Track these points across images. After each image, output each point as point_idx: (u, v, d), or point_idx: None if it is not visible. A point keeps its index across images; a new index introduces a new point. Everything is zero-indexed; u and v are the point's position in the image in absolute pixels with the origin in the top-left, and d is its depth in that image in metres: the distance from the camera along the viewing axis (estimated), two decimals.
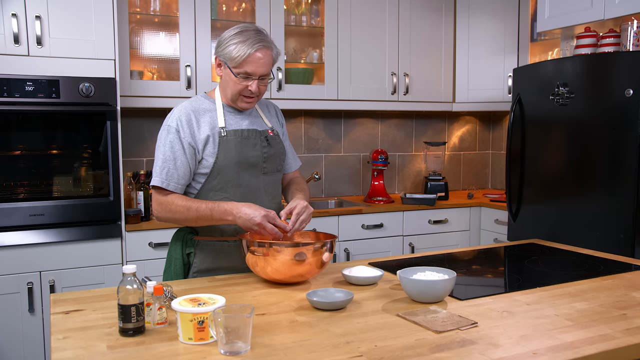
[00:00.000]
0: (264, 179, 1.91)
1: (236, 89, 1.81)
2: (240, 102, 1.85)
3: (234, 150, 1.83)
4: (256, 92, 1.82)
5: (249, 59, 1.76)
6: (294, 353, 1.22)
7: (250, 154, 1.86)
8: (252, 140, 1.87)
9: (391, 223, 3.49)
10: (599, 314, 1.47)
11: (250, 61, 1.76)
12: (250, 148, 1.86)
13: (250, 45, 1.75)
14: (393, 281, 1.78)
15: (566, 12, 3.10)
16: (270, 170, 1.93)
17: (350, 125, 4.01)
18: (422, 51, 3.83)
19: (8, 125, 2.60)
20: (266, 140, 1.90)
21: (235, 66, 1.77)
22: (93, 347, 1.26)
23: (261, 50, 1.77)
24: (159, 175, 1.79)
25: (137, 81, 3.09)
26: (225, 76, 1.83)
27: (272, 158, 1.92)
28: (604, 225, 2.68)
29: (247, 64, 1.76)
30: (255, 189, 1.89)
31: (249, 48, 1.75)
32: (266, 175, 1.92)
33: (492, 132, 4.53)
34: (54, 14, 2.63)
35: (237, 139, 1.84)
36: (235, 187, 1.85)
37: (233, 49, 1.76)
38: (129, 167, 3.34)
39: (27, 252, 2.63)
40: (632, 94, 2.53)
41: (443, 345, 1.26)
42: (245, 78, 1.79)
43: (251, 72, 1.78)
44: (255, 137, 1.88)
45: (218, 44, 1.82)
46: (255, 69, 1.77)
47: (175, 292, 1.60)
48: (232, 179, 1.84)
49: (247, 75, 1.78)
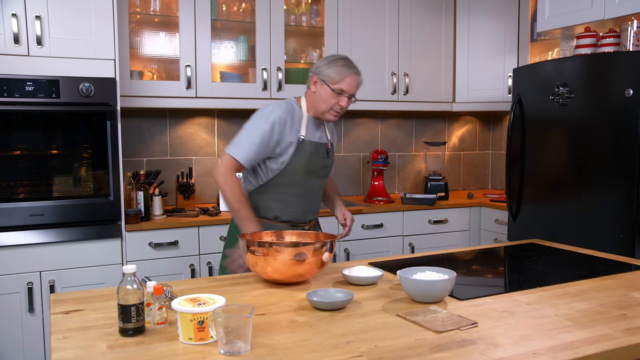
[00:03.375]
0: (318, 182, 2.29)
1: (330, 104, 2.16)
2: (329, 115, 2.19)
3: (305, 157, 2.18)
4: (344, 108, 2.18)
5: (346, 79, 2.14)
6: (294, 353, 1.22)
7: (315, 162, 2.22)
8: (319, 151, 2.23)
9: (391, 223, 3.49)
10: (599, 314, 1.47)
11: (347, 81, 2.14)
12: (316, 157, 2.22)
13: (349, 68, 2.16)
14: (393, 281, 1.79)
15: (566, 12, 3.10)
16: (324, 175, 2.31)
17: (350, 125, 4.01)
18: (422, 51, 3.83)
19: (8, 125, 2.60)
20: (326, 152, 2.27)
21: (333, 83, 2.14)
22: (93, 347, 1.26)
23: (355, 75, 2.17)
24: (240, 148, 2.11)
25: (137, 81, 3.09)
26: (321, 92, 2.17)
27: (328, 167, 2.31)
28: (604, 225, 2.68)
29: (344, 83, 2.14)
30: (312, 190, 2.27)
31: (348, 70, 2.15)
32: (320, 179, 2.29)
33: (492, 132, 4.53)
34: (54, 14, 2.63)
35: (310, 149, 2.20)
36: (297, 186, 2.21)
37: (334, 70, 2.14)
38: (129, 167, 3.34)
39: (27, 252, 2.63)
40: (632, 94, 2.53)
41: (443, 345, 1.26)
42: (339, 94, 2.15)
43: (346, 90, 2.15)
44: (321, 148, 2.25)
45: (317, 66, 2.20)
46: (349, 87, 2.15)
47: (175, 292, 1.60)
48: (296, 179, 2.20)
49: (341, 91, 2.15)
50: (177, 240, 2.93)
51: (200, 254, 2.99)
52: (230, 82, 3.35)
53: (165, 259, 2.91)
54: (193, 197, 3.36)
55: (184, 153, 3.53)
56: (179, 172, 3.44)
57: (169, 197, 3.42)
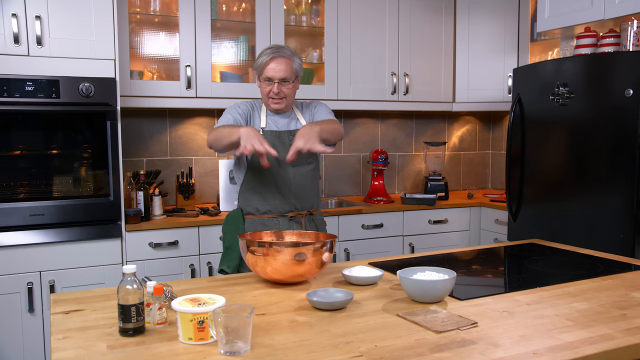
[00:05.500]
0: (294, 170, 2.27)
1: (264, 93, 2.24)
2: (271, 103, 2.25)
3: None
4: (280, 94, 2.21)
5: (267, 67, 2.18)
6: (294, 353, 1.22)
7: (282, 150, 2.20)
8: (284, 139, 2.25)
9: (391, 223, 3.49)
10: (599, 314, 1.47)
11: (269, 68, 2.19)
12: (282, 145, 2.23)
13: (268, 55, 2.19)
14: (393, 281, 1.78)
15: (566, 12, 3.10)
16: (300, 163, 2.27)
17: (350, 125, 4.01)
18: (422, 51, 3.83)
19: (8, 125, 2.60)
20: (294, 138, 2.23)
21: (260, 74, 2.23)
22: (93, 347, 1.26)
23: (276, 58, 2.18)
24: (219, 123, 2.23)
25: (137, 81, 3.09)
26: (259, 85, 2.26)
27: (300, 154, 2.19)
28: (604, 225, 2.68)
29: (267, 71, 2.19)
30: (286, 179, 2.26)
31: (267, 57, 2.18)
32: (296, 167, 2.27)
33: (492, 132, 4.53)
34: (54, 14, 2.63)
35: (272, 138, 2.23)
36: (268, 176, 2.24)
37: (258, 62, 2.22)
38: (129, 167, 3.34)
39: (27, 252, 2.63)
40: (632, 94, 2.53)
41: (443, 345, 1.26)
42: (269, 82, 2.20)
43: (271, 76, 2.19)
44: (287, 136, 2.26)
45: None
46: (273, 73, 2.18)
47: (175, 292, 1.60)
48: (265, 170, 2.21)
49: (268, 79, 2.20)
50: (177, 240, 2.93)
51: (200, 254, 2.99)
52: (230, 82, 3.35)
53: (165, 259, 2.92)
54: (193, 197, 3.36)
55: (184, 153, 3.53)
56: (179, 172, 3.44)
57: (169, 197, 3.42)
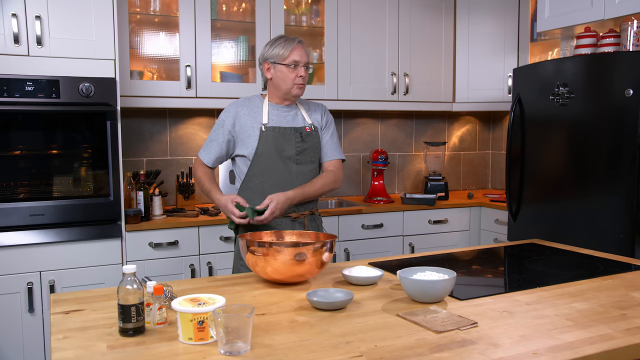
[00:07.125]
0: (297, 168, 2.26)
1: (290, 79, 2.21)
2: (295, 90, 2.23)
3: (272, 143, 2.21)
4: (306, 78, 2.23)
5: (294, 51, 2.20)
6: (294, 353, 1.22)
7: (286, 147, 2.23)
8: (289, 136, 2.24)
9: (391, 223, 3.49)
10: (599, 314, 1.47)
11: (295, 52, 2.20)
12: (287, 142, 2.23)
13: (292, 41, 2.22)
14: (393, 281, 1.78)
15: (566, 12, 3.10)
16: (304, 161, 2.28)
17: (350, 125, 4.01)
18: (422, 51, 3.83)
19: (8, 125, 2.60)
20: (300, 136, 2.26)
21: (284, 59, 2.19)
22: (93, 347, 1.26)
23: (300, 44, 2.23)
24: (204, 149, 2.32)
25: (137, 81, 3.09)
26: (277, 74, 2.22)
27: (305, 152, 2.28)
28: (604, 225, 2.68)
29: (293, 54, 2.20)
30: (288, 177, 2.24)
31: (292, 42, 2.21)
32: (299, 165, 2.27)
33: (492, 132, 4.53)
34: (54, 14, 2.63)
35: (275, 134, 2.22)
36: (273, 173, 2.23)
37: (279, 47, 2.20)
38: (129, 167, 3.34)
39: (27, 252, 2.63)
40: (632, 94, 2.53)
41: (443, 345, 1.26)
42: (295, 67, 2.20)
43: (298, 60, 2.20)
44: (292, 133, 2.25)
45: (262, 54, 2.27)
46: (300, 57, 2.21)
47: (175, 292, 1.60)
48: (270, 166, 2.22)
49: (295, 62, 2.20)
50: (177, 240, 2.93)
51: (200, 254, 2.99)
52: (230, 82, 3.35)
53: (165, 259, 2.91)
54: (193, 197, 3.36)
55: (184, 153, 3.53)
56: (179, 172, 3.44)
57: (168, 197, 3.42)
